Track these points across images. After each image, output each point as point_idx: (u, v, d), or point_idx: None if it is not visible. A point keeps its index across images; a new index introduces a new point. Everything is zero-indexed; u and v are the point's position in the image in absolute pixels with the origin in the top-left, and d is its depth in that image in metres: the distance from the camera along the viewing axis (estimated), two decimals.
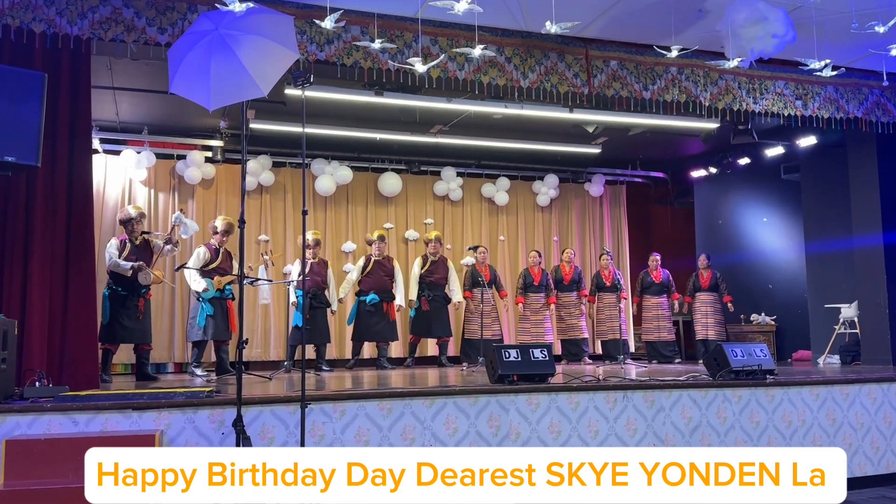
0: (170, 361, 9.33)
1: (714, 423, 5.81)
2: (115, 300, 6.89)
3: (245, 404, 4.60)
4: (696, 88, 7.12)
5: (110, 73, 7.43)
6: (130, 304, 6.94)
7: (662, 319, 9.97)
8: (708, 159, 11.07)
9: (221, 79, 4.06)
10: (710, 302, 9.96)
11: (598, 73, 6.86)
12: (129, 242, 7.08)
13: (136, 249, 7.08)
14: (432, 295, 9.19)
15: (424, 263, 9.32)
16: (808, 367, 8.36)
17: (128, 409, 4.60)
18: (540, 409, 5.41)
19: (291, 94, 7.43)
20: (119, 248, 7.00)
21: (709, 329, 9.90)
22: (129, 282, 6.91)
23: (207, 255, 7.68)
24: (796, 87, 7.45)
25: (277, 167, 10.09)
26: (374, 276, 8.89)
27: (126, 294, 6.93)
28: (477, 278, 9.28)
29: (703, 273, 10.08)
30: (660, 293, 10.03)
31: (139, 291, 7.01)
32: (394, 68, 6.14)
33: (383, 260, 9.01)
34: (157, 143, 9.50)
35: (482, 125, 9.28)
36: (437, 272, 9.30)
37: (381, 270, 8.93)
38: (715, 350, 6.30)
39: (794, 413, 6.01)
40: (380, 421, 5.07)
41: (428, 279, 9.24)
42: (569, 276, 9.94)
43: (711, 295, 9.98)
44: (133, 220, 7.11)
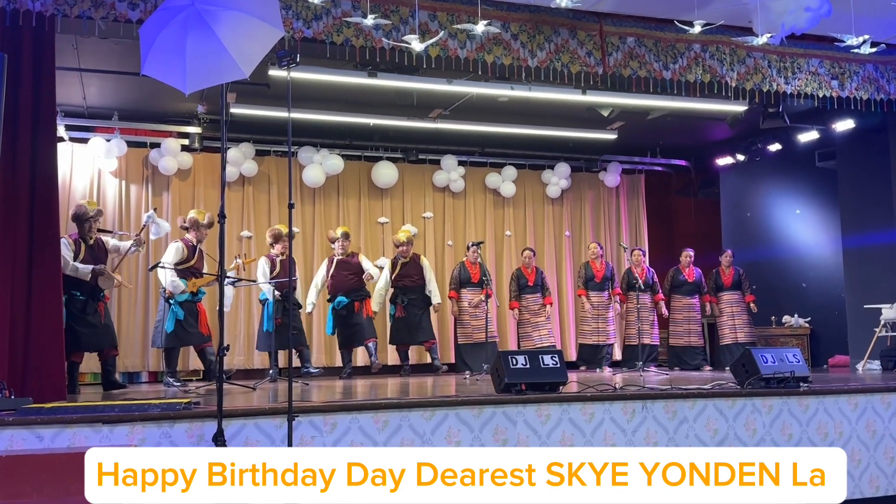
0: (143, 370, 9.33)
1: (742, 435, 5.80)
2: (72, 306, 6.84)
3: (226, 417, 4.59)
4: (721, 67, 7.11)
5: (76, 53, 7.42)
6: (90, 308, 6.94)
7: (693, 323, 9.98)
8: (735, 146, 11.05)
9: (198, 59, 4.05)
10: (736, 302, 9.98)
11: (614, 50, 6.85)
12: (83, 242, 7.04)
13: (90, 250, 7.05)
14: (407, 300, 9.20)
15: (395, 267, 9.33)
16: (845, 374, 8.36)
17: (97, 422, 4.59)
18: (550, 420, 5.41)
19: (276, 75, 7.42)
20: (73, 248, 6.94)
21: (737, 332, 9.90)
22: (88, 286, 6.89)
23: (185, 252, 7.64)
24: (832, 65, 7.43)
25: (261, 156, 10.08)
26: (336, 277, 8.87)
27: (85, 299, 6.91)
28: (473, 277, 9.31)
29: (725, 270, 10.10)
30: (692, 293, 10.04)
31: (98, 296, 7.01)
32: (388, 47, 6.13)
33: (347, 258, 8.99)
34: (129, 130, 9.49)
35: (486, 109, 9.27)
36: (410, 275, 9.30)
37: (344, 270, 8.90)
38: (743, 355, 6.30)
39: (831, 424, 6.01)
40: (374, 435, 5.07)
41: (400, 283, 9.25)
42: (600, 272, 9.88)
43: (736, 294, 10.00)
44: (91, 219, 7.08)
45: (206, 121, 9.55)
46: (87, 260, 6.95)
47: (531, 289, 9.66)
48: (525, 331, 9.66)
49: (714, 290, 10.13)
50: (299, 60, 4.59)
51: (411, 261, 9.34)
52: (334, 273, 8.87)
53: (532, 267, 9.78)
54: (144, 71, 4.19)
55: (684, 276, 10.04)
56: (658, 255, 11.48)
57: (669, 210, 12.31)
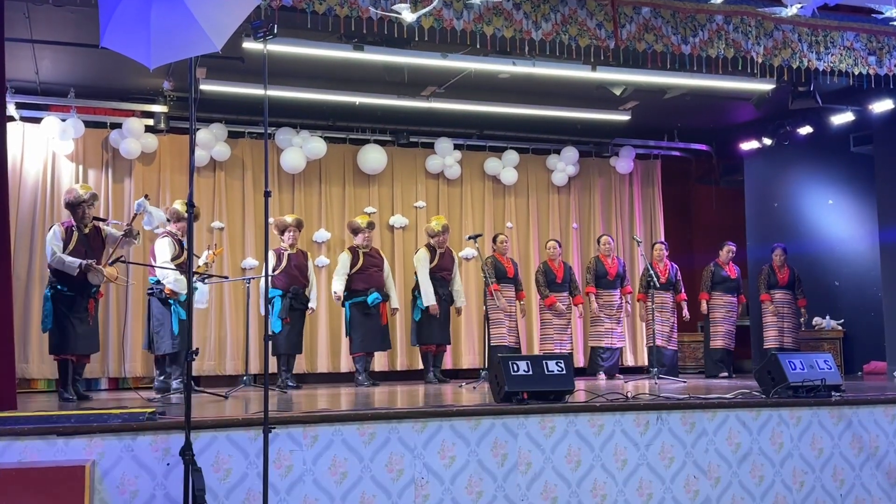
0: (103, 376, 9.33)
1: (767, 450, 5.82)
2: (59, 302, 6.90)
3: (195, 429, 4.59)
4: (746, 42, 7.11)
5: (28, 22, 7.39)
6: (79, 306, 6.96)
7: (731, 324, 10.07)
8: (761, 128, 11.06)
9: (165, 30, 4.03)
10: (787, 302, 10.09)
11: (627, 22, 6.85)
12: (77, 230, 7.06)
13: (85, 239, 7.06)
14: (443, 294, 9.31)
15: (433, 257, 9.38)
16: (882, 382, 8.39)
17: (52, 434, 4.59)
18: (555, 433, 5.42)
19: (250, 48, 7.41)
20: (64, 237, 6.98)
21: (784, 336, 9.97)
22: (77, 280, 6.91)
23: (175, 247, 7.67)
24: (869, 39, 7.44)
25: (234, 138, 10.07)
26: (366, 271, 9.00)
27: (73, 295, 6.94)
28: None
29: (780, 269, 10.13)
30: (732, 291, 10.12)
31: (89, 291, 7.01)
32: (376, 17, 6.12)
33: (372, 252, 9.11)
34: (86, 108, 9.46)
35: (485, 87, 9.26)
36: (446, 266, 9.43)
37: (372, 265, 9.04)
38: (769, 361, 6.31)
39: (866, 438, 6.03)
40: (360, 449, 5.07)
41: (437, 274, 9.31)
42: (613, 269, 9.90)
43: (789, 294, 10.11)
44: (84, 203, 7.10)
45: (173, 99, 9.52)
46: (79, 250, 6.96)
47: (559, 286, 9.68)
48: (546, 332, 9.68)
49: (766, 288, 10.16)
50: (277, 32, 4.57)
51: (447, 252, 9.45)
52: (363, 266, 8.98)
53: (559, 260, 9.80)
54: (104, 43, 4.17)
55: (726, 273, 10.11)
56: (675, 249, 11.47)
57: (688, 199, 12.32)
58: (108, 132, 9.59)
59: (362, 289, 8.92)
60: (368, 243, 9.14)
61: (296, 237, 8.84)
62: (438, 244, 9.41)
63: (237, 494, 4.84)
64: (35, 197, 9.20)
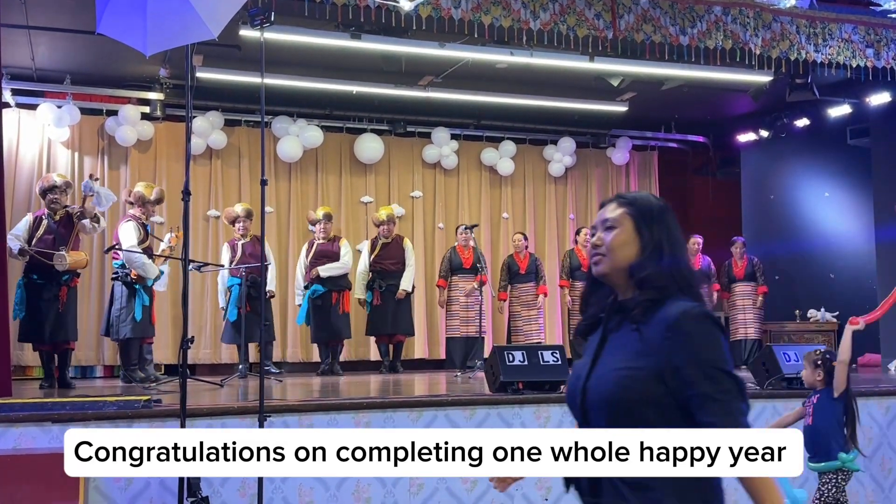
0: (98, 364, 9.33)
1: None
2: (30, 290, 6.89)
3: (190, 416, 4.60)
4: (744, 33, 7.10)
5: (24, 8, 7.36)
6: (48, 294, 6.94)
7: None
8: (758, 120, 11.06)
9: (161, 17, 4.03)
10: (748, 294, 10.19)
11: (625, 13, 6.84)
12: (48, 218, 7.03)
13: (56, 226, 7.04)
14: (385, 286, 9.18)
15: (374, 248, 9.31)
16: (876, 375, 8.41)
17: (46, 421, 4.60)
18: (551, 422, 5.44)
19: (247, 35, 7.39)
20: (32, 225, 6.96)
21: (748, 327, 10.06)
22: (46, 268, 6.89)
23: (141, 231, 7.58)
24: (867, 31, 7.44)
25: (230, 126, 10.05)
26: (316, 264, 8.84)
27: (43, 283, 6.92)
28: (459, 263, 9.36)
29: (738, 261, 10.23)
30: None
31: (59, 279, 6.99)
32: (374, 5, 6.10)
33: (328, 243, 8.98)
34: (82, 95, 9.44)
35: (482, 76, 9.25)
36: (391, 256, 9.28)
37: (324, 256, 8.88)
38: (763, 353, 6.33)
39: (859, 429, 6.04)
40: None
41: (378, 266, 9.23)
42: (587, 261, 9.92)
43: (749, 286, 10.20)
44: (57, 189, 7.08)
45: (170, 86, 9.49)
46: (45, 238, 6.95)
47: (523, 277, 9.66)
48: (516, 324, 9.68)
49: (727, 282, 10.24)
50: (274, 19, 4.56)
51: (393, 242, 9.33)
52: (314, 259, 8.87)
53: (525, 253, 9.77)
54: (100, 29, 4.16)
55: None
56: None
57: (685, 191, 12.32)
58: (104, 119, 9.56)
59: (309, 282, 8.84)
60: (326, 235, 8.97)
61: (247, 227, 8.59)
62: (383, 234, 9.28)
63: (232, 483, 4.85)
64: (30, 184, 9.16)
